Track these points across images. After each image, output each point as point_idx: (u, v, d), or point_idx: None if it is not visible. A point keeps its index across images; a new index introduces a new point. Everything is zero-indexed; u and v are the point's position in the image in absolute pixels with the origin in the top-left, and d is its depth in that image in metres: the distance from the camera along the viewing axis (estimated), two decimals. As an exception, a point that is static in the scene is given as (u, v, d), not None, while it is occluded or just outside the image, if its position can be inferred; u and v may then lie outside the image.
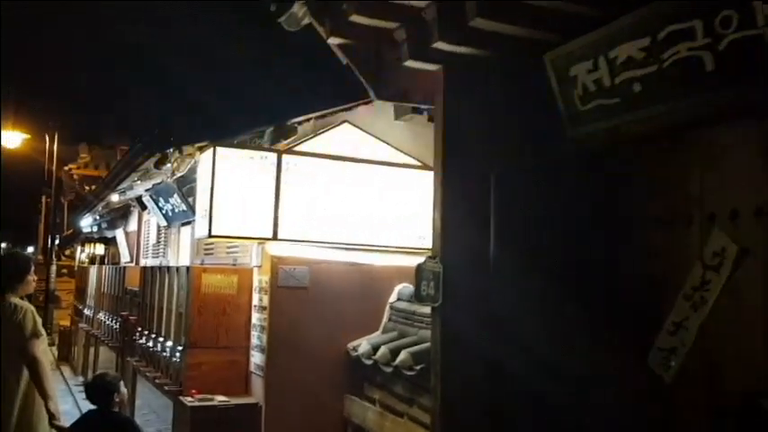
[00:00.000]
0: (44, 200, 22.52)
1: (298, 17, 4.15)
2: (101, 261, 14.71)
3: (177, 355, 6.16)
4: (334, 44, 4.08)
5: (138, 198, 9.24)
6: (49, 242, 19.30)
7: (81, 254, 19.29)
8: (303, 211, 5.64)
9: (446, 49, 3.59)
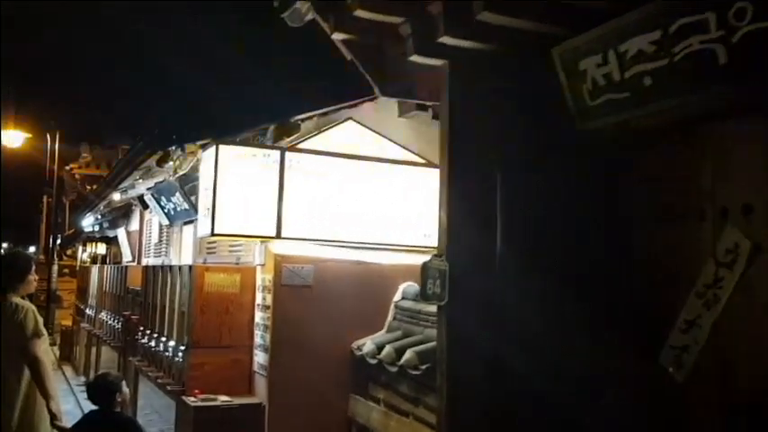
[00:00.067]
0: (45, 199, 22.51)
1: (301, 13, 4.11)
2: (102, 260, 14.68)
3: (180, 355, 6.13)
4: (338, 40, 4.04)
5: (140, 197, 9.20)
6: (51, 242, 19.30)
7: (83, 253, 19.28)
8: (307, 208, 5.58)
9: (452, 43, 3.55)
